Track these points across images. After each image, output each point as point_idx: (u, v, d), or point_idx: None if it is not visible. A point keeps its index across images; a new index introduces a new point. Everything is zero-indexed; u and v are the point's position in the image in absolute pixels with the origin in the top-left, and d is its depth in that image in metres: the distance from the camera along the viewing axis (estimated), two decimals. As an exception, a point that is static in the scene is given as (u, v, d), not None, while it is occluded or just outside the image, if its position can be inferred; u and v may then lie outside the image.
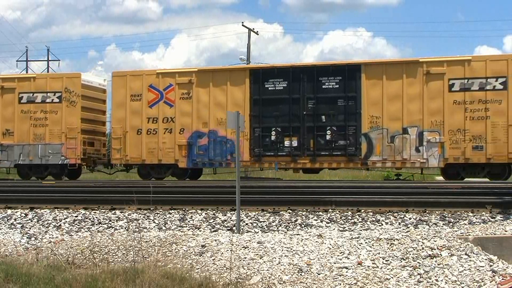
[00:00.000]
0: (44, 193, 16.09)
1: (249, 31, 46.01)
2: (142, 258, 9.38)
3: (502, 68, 19.07)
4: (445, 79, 19.44)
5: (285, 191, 15.19)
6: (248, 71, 21.26)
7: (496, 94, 19.04)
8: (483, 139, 19.08)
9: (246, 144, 20.84)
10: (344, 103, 20.14)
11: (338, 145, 20.17)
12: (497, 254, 9.15)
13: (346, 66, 20.42)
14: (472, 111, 19.16)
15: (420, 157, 19.53)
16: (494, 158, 19.02)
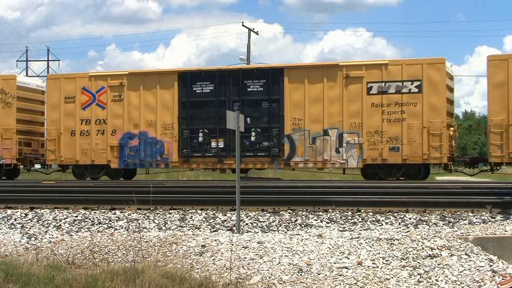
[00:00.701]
0: (44, 193, 16.10)
1: (249, 31, 46.03)
2: (142, 258, 9.38)
3: (417, 71, 19.72)
4: (364, 82, 20.11)
5: (285, 191, 15.19)
6: (176, 74, 21.89)
7: (412, 97, 19.70)
8: (399, 140, 19.72)
9: (174, 145, 21.62)
10: (268, 105, 20.84)
11: (262, 146, 20.88)
12: (497, 254, 9.15)
13: (269, 69, 21.17)
14: (389, 113, 19.85)
15: (340, 158, 20.23)
16: (410, 159, 19.67)
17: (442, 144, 19.41)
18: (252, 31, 46.29)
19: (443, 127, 19.48)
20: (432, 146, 19.42)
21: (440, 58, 20.10)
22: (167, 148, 21.75)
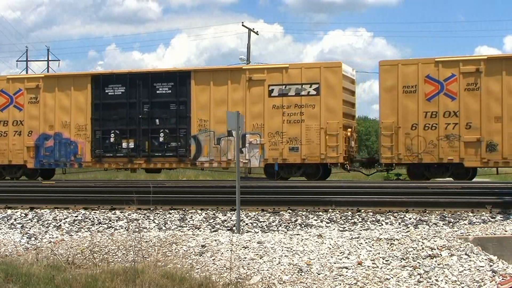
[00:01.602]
0: (44, 193, 16.11)
1: (249, 31, 46.01)
2: (142, 258, 9.38)
3: (315, 75, 20.62)
4: (266, 85, 21.02)
5: (285, 191, 15.19)
6: (90, 77, 22.71)
7: (310, 99, 20.62)
8: (298, 141, 20.62)
9: (88, 146, 22.48)
10: (175, 107, 21.70)
11: (170, 146, 21.71)
12: (497, 254, 9.15)
13: (177, 73, 22.05)
14: (289, 115, 20.77)
15: (243, 158, 20.94)
16: (308, 159, 20.60)
17: (338, 144, 20.26)
18: (252, 31, 46.28)
19: (339, 128, 20.36)
20: (329, 146, 20.26)
21: (337, 62, 21.23)
22: (81, 148, 22.61)
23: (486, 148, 19.21)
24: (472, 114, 19.34)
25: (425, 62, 20.01)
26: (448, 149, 19.47)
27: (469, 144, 19.35)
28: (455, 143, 19.40)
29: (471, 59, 19.93)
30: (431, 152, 19.55)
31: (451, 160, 19.52)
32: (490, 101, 19.27)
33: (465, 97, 19.42)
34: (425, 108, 19.68)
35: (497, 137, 19.13)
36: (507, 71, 19.18)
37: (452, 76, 19.57)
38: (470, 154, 19.33)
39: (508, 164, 19.45)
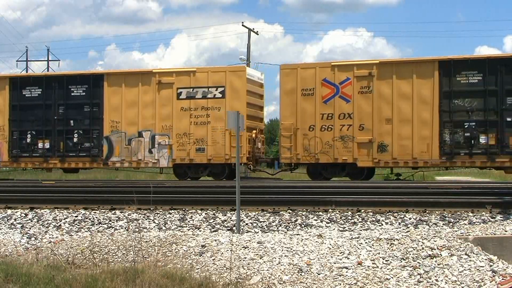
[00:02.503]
0: (44, 193, 16.09)
1: (249, 31, 46.02)
2: (142, 258, 9.38)
3: (221, 79, 21.45)
4: (174, 88, 21.78)
5: (285, 191, 15.18)
6: (8, 79, 23.29)
7: (216, 101, 21.45)
8: (204, 142, 21.47)
9: (5, 146, 23.00)
10: (89, 109, 22.40)
11: (84, 147, 22.45)
12: (497, 254, 9.15)
13: (91, 75, 22.67)
14: (196, 117, 21.56)
15: (153, 158, 21.81)
16: (214, 159, 21.42)
17: (242, 145, 20.63)
18: (252, 31, 46.29)
19: None
20: (233, 147, 20.55)
21: (242, 66, 22.66)
22: None
23: (377, 148, 19.97)
24: (365, 116, 20.12)
25: (322, 66, 20.88)
26: (342, 149, 20.25)
27: (362, 145, 20.12)
28: (349, 144, 20.19)
29: (364, 63, 20.69)
30: (327, 153, 20.34)
31: (345, 160, 20.30)
32: (382, 103, 20.03)
33: (359, 99, 20.20)
34: (321, 110, 20.49)
35: (388, 139, 19.90)
36: (397, 75, 19.96)
37: (347, 79, 20.35)
38: (363, 154, 20.11)
39: (398, 164, 20.24)
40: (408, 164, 20.08)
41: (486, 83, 19.25)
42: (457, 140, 19.41)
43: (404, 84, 19.86)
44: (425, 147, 19.55)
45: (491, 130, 19.18)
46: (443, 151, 19.47)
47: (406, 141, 19.71)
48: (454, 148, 19.43)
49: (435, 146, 19.46)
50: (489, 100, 19.22)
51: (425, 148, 19.55)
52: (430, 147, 19.50)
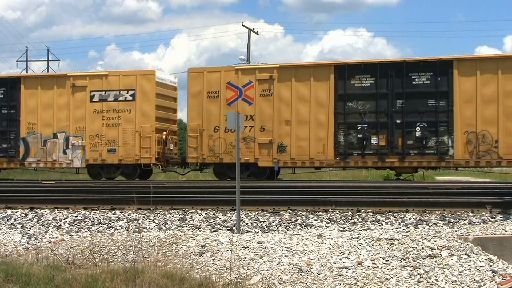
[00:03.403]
0: (44, 193, 16.10)
1: (249, 31, 46.03)
2: (142, 258, 9.38)
3: (132, 82, 22.37)
4: (87, 91, 22.66)
5: (285, 191, 15.19)
6: None
7: (127, 104, 22.34)
8: (116, 143, 22.30)
9: None
10: (7, 111, 23.19)
11: (1, 148, 23.18)
12: (497, 254, 9.15)
13: (8, 79, 23.72)
14: (108, 119, 22.44)
15: (67, 158, 22.64)
16: (125, 159, 22.27)
17: (151, 146, 21.92)
18: (252, 31, 46.29)
19: (152, 131, 22.05)
20: (143, 147, 21.94)
21: (151, 70, 23.31)
22: None
23: (277, 149, 20.83)
24: (265, 118, 21.01)
25: (227, 70, 21.83)
26: (245, 150, 21.02)
27: (263, 145, 20.99)
28: (251, 145, 21.03)
29: (265, 67, 21.76)
30: (231, 153, 21.03)
31: (247, 160, 21.05)
32: (281, 106, 20.91)
33: (260, 102, 21.08)
34: (226, 112, 20.78)
35: (287, 140, 20.74)
36: (296, 78, 20.81)
37: (249, 82, 21.22)
38: (264, 154, 20.97)
39: (296, 164, 20.97)
40: (305, 164, 20.84)
41: (377, 86, 20.14)
42: (351, 141, 20.29)
43: (302, 87, 20.75)
44: (321, 147, 20.45)
45: (382, 131, 20.07)
46: (338, 152, 20.32)
47: (303, 142, 20.60)
48: (347, 149, 20.28)
49: (330, 147, 20.32)
50: (380, 103, 20.14)
51: (321, 148, 20.45)
52: (326, 147, 20.41)
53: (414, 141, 19.85)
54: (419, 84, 19.90)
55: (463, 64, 19.74)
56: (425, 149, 19.73)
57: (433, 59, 20.13)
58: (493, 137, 19.24)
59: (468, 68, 19.66)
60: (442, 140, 19.65)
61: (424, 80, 19.90)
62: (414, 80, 19.95)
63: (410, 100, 19.87)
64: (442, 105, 19.65)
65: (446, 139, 19.65)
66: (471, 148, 19.38)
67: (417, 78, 19.94)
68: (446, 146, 19.62)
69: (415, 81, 19.95)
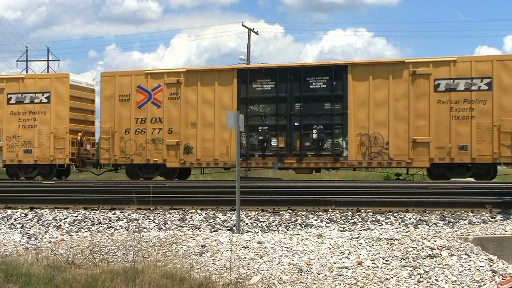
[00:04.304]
0: (44, 193, 16.09)
1: (249, 31, 46.03)
2: (142, 258, 9.38)
3: (47, 85, 23.45)
4: (4, 94, 23.71)
5: (285, 191, 15.18)
6: None
7: (42, 106, 23.44)
8: (32, 144, 23.43)
9: None
10: None
11: None
12: (497, 254, 9.15)
13: None
14: (24, 120, 23.59)
15: None
16: (40, 160, 23.33)
17: (65, 147, 23.02)
18: (252, 31, 46.29)
19: (66, 133, 23.18)
20: (57, 148, 23.06)
21: (65, 73, 24.25)
22: None
23: (184, 150, 21.88)
24: (173, 121, 22.05)
25: (137, 74, 22.78)
26: (154, 151, 22.13)
27: (171, 147, 22.01)
28: (160, 146, 22.08)
29: (173, 71, 22.58)
30: (141, 154, 22.21)
31: (156, 161, 22.16)
32: (188, 109, 21.97)
33: (168, 105, 22.14)
34: (136, 115, 22.45)
35: (193, 141, 21.81)
36: (202, 82, 21.89)
37: (158, 86, 22.30)
38: (172, 155, 22.00)
39: (201, 165, 22.10)
40: (210, 165, 21.87)
41: (277, 90, 21.15)
42: (252, 143, 21.26)
43: (207, 91, 21.79)
44: (225, 149, 21.42)
45: (281, 133, 21.08)
46: (240, 153, 20.47)
47: (208, 143, 21.64)
48: (249, 150, 21.25)
49: (233, 149, 20.79)
50: (280, 106, 21.15)
51: (225, 150, 21.42)
52: (229, 149, 21.31)
53: (311, 143, 20.78)
54: (316, 88, 20.85)
55: (356, 69, 20.67)
56: (321, 150, 20.69)
57: (329, 64, 21.22)
58: (384, 139, 20.20)
59: (361, 73, 20.58)
60: (337, 142, 20.63)
61: (320, 84, 20.86)
62: (312, 84, 20.90)
63: (308, 103, 20.81)
64: (337, 108, 20.59)
65: (340, 141, 20.63)
66: (364, 150, 20.35)
67: (314, 82, 20.90)
68: (341, 147, 20.59)
69: (312, 85, 20.90)
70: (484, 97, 19.54)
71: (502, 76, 19.54)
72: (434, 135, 19.82)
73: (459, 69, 19.81)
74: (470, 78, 19.69)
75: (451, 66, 19.90)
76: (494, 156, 19.50)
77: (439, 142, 19.77)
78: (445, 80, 19.89)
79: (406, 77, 20.19)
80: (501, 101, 19.47)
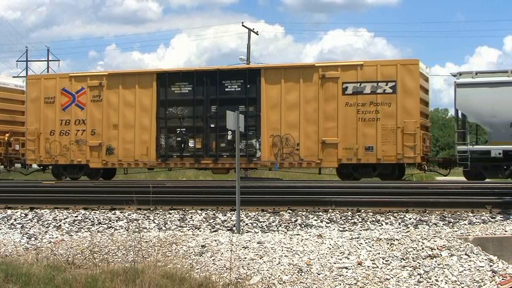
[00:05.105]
0: (44, 193, 16.08)
1: (249, 32, 46.01)
2: (142, 258, 9.38)
3: None
4: None
5: (285, 191, 15.17)
6: None
7: None
8: None
9: None
10: None
11: None
12: (497, 254, 9.15)
13: None
14: None
15: None
16: None
17: None
18: (252, 31, 46.27)
19: None
20: None
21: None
22: None
23: (106, 151, 22.42)
24: (96, 122, 22.60)
25: (62, 77, 23.54)
26: (78, 152, 22.68)
27: (94, 148, 22.58)
28: (83, 147, 22.64)
29: (96, 74, 23.37)
30: (65, 155, 22.78)
31: (80, 162, 22.74)
32: (110, 111, 22.48)
33: (91, 107, 22.68)
34: (61, 117, 22.95)
35: (115, 142, 22.35)
36: (123, 85, 22.44)
37: (82, 89, 22.84)
38: (94, 156, 22.56)
39: (123, 166, 22.79)
40: (131, 165, 22.50)
41: (195, 93, 21.76)
42: (171, 144, 21.88)
43: (128, 93, 22.34)
44: (145, 150, 22.03)
45: (198, 135, 21.69)
46: (159, 154, 21.95)
47: (129, 144, 22.18)
48: (168, 151, 21.88)
49: (152, 149, 21.93)
50: (197, 109, 21.76)
51: (145, 151, 22.03)
52: (149, 150, 21.98)
53: (226, 144, 21.38)
54: (231, 91, 21.46)
55: (269, 72, 21.27)
56: None
57: (243, 67, 22.35)
58: (295, 140, 20.75)
59: (273, 76, 21.15)
60: (251, 143, 21.21)
61: (235, 87, 21.47)
62: (227, 87, 21.52)
63: (223, 106, 21.00)
64: (251, 111, 21.13)
65: (254, 142, 21.20)
66: (276, 151, 20.93)
67: (230, 85, 21.52)
68: (254, 148, 21.16)
69: (227, 88, 21.51)
70: (389, 100, 20.11)
71: (406, 79, 20.10)
72: (342, 137, 20.39)
73: (366, 73, 20.38)
74: (376, 82, 20.25)
75: (358, 70, 20.47)
76: (398, 157, 20.01)
77: (347, 143, 20.36)
78: (352, 84, 20.47)
79: (316, 80, 20.77)
80: (404, 103, 20.03)
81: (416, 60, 20.45)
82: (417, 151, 19.84)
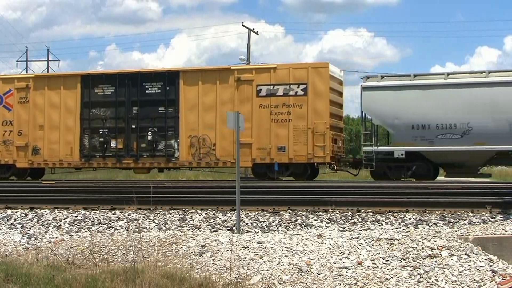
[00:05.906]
0: (44, 193, 16.08)
1: (249, 31, 45.99)
2: (142, 258, 9.37)
3: None
4: None
5: (285, 191, 15.17)
6: None
7: None
8: None
9: None
10: None
11: None
12: (497, 254, 9.15)
13: None
14: None
15: None
16: None
17: None
18: (252, 31, 46.26)
19: None
20: None
21: None
22: None
23: (32, 151, 23.16)
24: (23, 123, 23.35)
25: None
26: (5, 152, 23.44)
27: (20, 148, 23.33)
28: (10, 147, 23.39)
29: (23, 77, 24.32)
30: None
31: (7, 162, 23.47)
32: (36, 112, 23.25)
33: (18, 108, 23.44)
34: None
35: (41, 143, 23.10)
36: (49, 87, 23.22)
37: (9, 91, 23.61)
38: (21, 156, 23.30)
39: (48, 165, 23.58)
40: (56, 165, 23.24)
41: (117, 95, 22.52)
42: (94, 144, 22.64)
43: (54, 95, 23.10)
44: (69, 150, 22.79)
45: (120, 135, 22.44)
46: (83, 154, 22.73)
47: (54, 145, 22.92)
48: (91, 151, 22.66)
49: (76, 150, 22.77)
50: (119, 110, 22.53)
51: (69, 151, 22.79)
52: (73, 150, 22.78)
53: (146, 144, 22.17)
54: (151, 93, 22.29)
55: (187, 75, 22.13)
56: (156, 151, 22.10)
57: (163, 70, 22.86)
58: (212, 140, 21.64)
59: (192, 79, 22.00)
60: (170, 144, 22.00)
61: (156, 90, 22.28)
62: (148, 89, 22.33)
63: (144, 107, 22.18)
64: (170, 112, 22.03)
65: (173, 142, 22.00)
66: (194, 151, 21.75)
67: (150, 87, 22.32)
68: (173, 149, 21.95)
69: (148, 90, 22.33)
70: (300, 102, 20.87)
71: (316, 82, 20.84)
72: (256, 137, 21.07)
73: (279, 75, 21.12)
74: (288, 84, 21.00)
75: (271, 73, 21.24)
76: (308, 157, 20.76)
77: (260, 144, 21.10)
78: (266, 86, 21.19)
79: (231, 83, 21.52)
80: (315, 105, 20.85)
81: (326, 63, 21.36)
82: (327, 151, 20.67)
